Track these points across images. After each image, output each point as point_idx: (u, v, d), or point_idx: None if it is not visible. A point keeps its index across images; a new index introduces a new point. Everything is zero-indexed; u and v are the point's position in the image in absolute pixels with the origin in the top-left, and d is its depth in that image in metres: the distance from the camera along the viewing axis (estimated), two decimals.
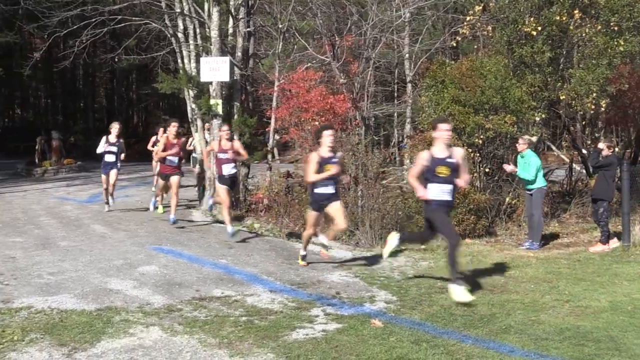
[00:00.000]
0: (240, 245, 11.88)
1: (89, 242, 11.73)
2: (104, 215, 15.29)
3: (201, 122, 17.20)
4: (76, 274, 9.19)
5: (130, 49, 23.11)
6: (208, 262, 10.25)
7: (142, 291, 8.34)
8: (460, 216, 13.44)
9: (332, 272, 9.98)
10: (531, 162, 12.59)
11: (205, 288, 8.61)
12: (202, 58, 16.17)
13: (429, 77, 16.12)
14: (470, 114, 14.41)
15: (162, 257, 10.44)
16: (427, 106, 15.85)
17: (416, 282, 9.55)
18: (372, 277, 9.78)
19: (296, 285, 9.02)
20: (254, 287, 8.80)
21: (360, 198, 13.68)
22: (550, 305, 8.28)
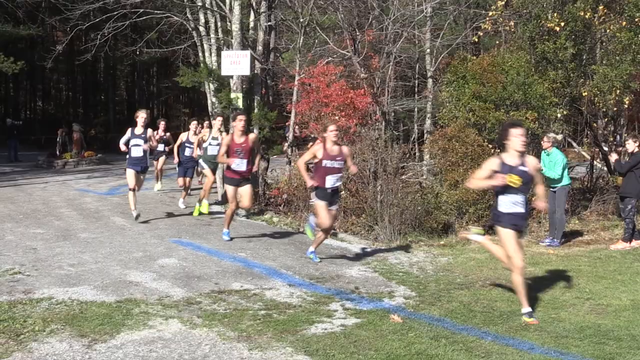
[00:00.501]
0: (259, 239, 11.90)
1: (109, 234, 11.80)
2: (123, 207, 15.34)
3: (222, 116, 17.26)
4: (96, 265, 9.24)
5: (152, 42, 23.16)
6: (227, 255, 10.27)
7: (161, 284, 8.38)
8: (479, 212, 13.37)
9: (351, 267, 9.97)
10: (557, 160, 12.49)
11: (224, 281, 8.64)
12: (223, 52, 16.20)
13: (450, 73, 16.05)
14: (491, 110, 14.34)
15: (181, 250, 10.48)
16: (447, 101, 15.78)
17: (435, 278, 9.53)
18: (391, 272, 9.77)
19: (315, 280, 9.02)
20: (272, 281, 8.81)
21: (379, 193, 13.65)
22: (571, 303, 8.22)
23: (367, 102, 16.34)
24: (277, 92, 21.93)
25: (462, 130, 14.24)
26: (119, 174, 24.09)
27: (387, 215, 13.01)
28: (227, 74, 15.98)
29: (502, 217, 7.51)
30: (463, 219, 13.57)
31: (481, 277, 9.60)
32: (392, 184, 13.68)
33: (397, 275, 9.54)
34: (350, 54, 18.17)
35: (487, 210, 13.45)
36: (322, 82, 16.45)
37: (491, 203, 13.44)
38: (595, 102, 15.03)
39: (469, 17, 25.95)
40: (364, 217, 13.67)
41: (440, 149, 14.70)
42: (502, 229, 7.51)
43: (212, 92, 17.30)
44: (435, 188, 14.42)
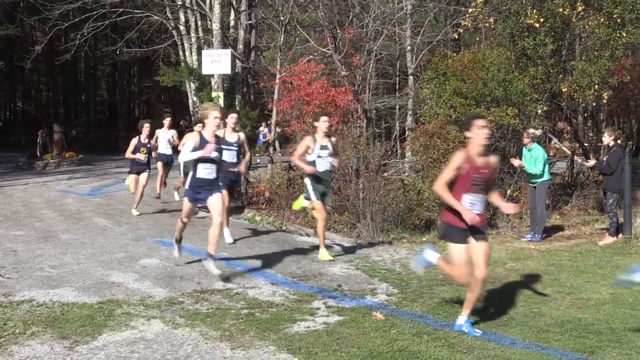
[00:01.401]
0: (242, 238, 11.88)
1: (91, 235, 11.74)
2: (105, 208, 15.30)
3: None
4: (78, 267, 9.19)
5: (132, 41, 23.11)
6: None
7: (143, 284, 8.35)
8: None
9: (334, 265, 9.98)
10: (538, 156, 12.56)
11: (207, 281, 8.62)
12: (204, 50, 16.18)
13: (431, 70, 16.10)
14: (472, 106, 14.41)
15: (163, 250, 10.45)
16: (429, 98, 15.84)
17: (417, 275, 9.55)
18: (374, 269, 9.79)
19: (297, 278, 9.03)
20: (255, 280, 8.80)
21: (361, 190, 13.67)
22: (552, 297, 8.29)
23: (348, 100, 16.34)
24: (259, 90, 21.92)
25: (444, 127, 14.29)
26: (100, 174, 24.02)
27: (370, 212, 13.03)
28: (208, 72, 15.96)
29: None
30: None
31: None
32: (374, 181, 13.70)
33: (380, 273, 9.57)
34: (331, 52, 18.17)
35: None
36: (304, 80, 16.44)
37: None
38: (575, 97, 15.15)
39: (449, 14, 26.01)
40: (347, 215, 13.68)
41: (421, 146, 14.74)
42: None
43: (193, 91, 17.31)
44: (417, 185, 14.47)
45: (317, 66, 17.51)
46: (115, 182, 21.28)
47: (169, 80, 17.17)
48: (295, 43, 20.41)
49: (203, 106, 9.18)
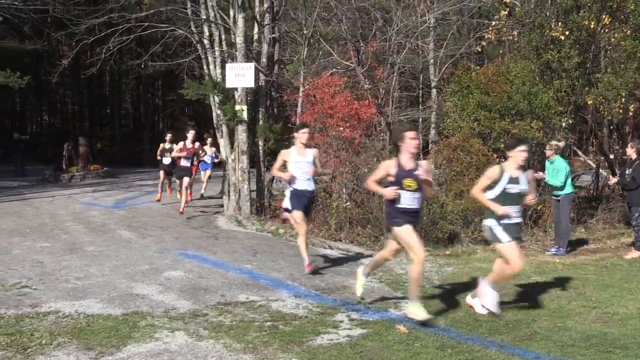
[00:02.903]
0: (265, 251, 11.92)
1: (115, 247, 11.83)
2: (129, 220, 15.40)
3: (226, 128, 17.30)
4: (102, 278, 9.27)
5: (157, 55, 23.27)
6: (233, 267, 10.29)
7: (167, 296, 8.40)
8: None
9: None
10: (560, 168, 12.45)
11: (230, 293, 8.65)
12: (228, 64, 16.27)
13: (454, 83, 16.10)
14: (496, 120, 14.37)
15: (187, 262, 10.50)
16: (452, 111, 15.82)
17: (442, 287, 9.53)
18: (397, 282, 9.76)
19: (321, 291, 9.03)
20: (278, 293, 8.82)
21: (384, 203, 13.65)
22: (577, 311, 8.21)
23: (371, 112, 16.39)
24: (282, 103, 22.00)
25: (467, 139, 14.26)
26: (124, 187, 24.20)
27: None
28: (232, 86, 16.05)
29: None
30: (469, 228, 13.58)
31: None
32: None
33: (403, 286, 9.53)
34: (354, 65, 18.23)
35: None
36: (327, 93, 16.51)
37: None
38: (600, 110, 15.04)
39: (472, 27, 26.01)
40: (370, 228, 13.68)
41: (445, 159, 14.72)
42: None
43: (217, 104, 17.36)
44: (441, 198, 14.43)
45: (340, 79, 17.58)
46: (140, 195, 21.45)
47: (193, 94, 17.20)
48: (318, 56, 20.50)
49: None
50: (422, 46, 23.00)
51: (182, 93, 18.31)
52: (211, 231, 14.14)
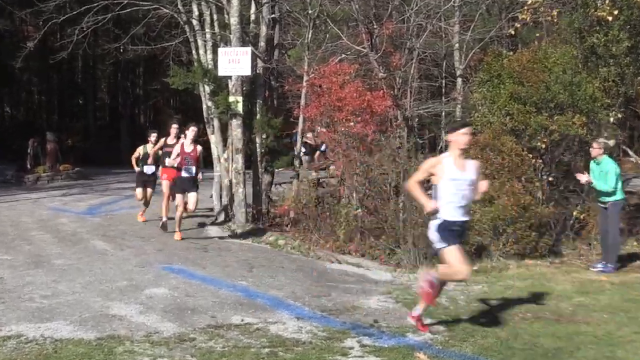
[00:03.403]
0: (263, 265, 11.91)
1: (88, 260, 11.82)
2: (105, 229, 15.41)
3: (218, 122, 17.30)
4: (73, 297, 9.25)
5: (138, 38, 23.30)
6: (225, 283, 10.28)
7: (149, 317, 8.38)
8: (519, 232, 13.33)
9: (369, 297, 9.95)
10: (609, 170, 12.31)
11: (222, 314, 8.63)
12: (220, 49, 16.26)
13: (483, 71, 16.05)
14: (531, 114, 14.32)
15: (172, 278, 10.49)
16: (480, 104, 15.77)
17: (467, 309, 9.49)
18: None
19: (327, 312, 9.01)
20: (278, 314, 8.80)
21: (402, 211, 13.64)
22: (629, 339, 8.16)
23: (386, 105, 16.33)
24: (283, 94, 21.98)
25: (498, 137, 14.22)
26: (100, 190, 24.20)
27: (411, 236, 12.99)
28: (225, 74, 16.05)
29: None
30: (499, 240, 13.53)
31: (521, 308, 9.55)
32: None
33: None
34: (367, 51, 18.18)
35: (528, 231, 13.41)
36: (335, 82, 16.47)
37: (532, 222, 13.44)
38: None
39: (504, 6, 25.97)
40: (384, 239, 13.65)
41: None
42: None
43: (208, 95, 17.37)
44: None
45: (350, 67, 17.53)
46: (118, 199, 21.47)
47: (179, 83, 17.20)
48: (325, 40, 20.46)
49: None
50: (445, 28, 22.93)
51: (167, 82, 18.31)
52: (200, 242, 14.12)
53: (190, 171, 14.09)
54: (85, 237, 14.27)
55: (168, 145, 15.57)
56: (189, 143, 14.24)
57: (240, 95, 16.12)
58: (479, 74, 16.65)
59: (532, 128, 14.22)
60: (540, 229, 13.78)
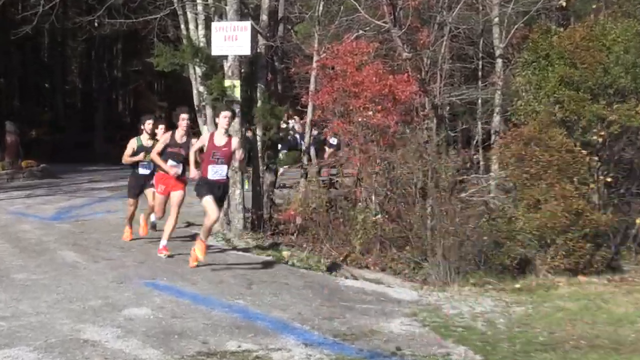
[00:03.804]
0: (264, 281, 11.90)
1: (56, 274, 11.81)
2: (76, 237, 15.40)
3: (212, 111, 17.32)
4: (37, 318, 9.25)
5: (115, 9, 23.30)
6: (219, 303, 10.28)
7: (128, 343, 8.38)
8: (570, 244, 13.32)
9: (391, 319, 9.95)
10: None
11: (216, 339, 8.63)
12: (214, 23, 16.29)
13: (528, 50, 16.07)
14: (586, 102, 14.32)
15: (156, 296, 10.49)
16: (524, 90, 15.77)
17: (508, 335, 9.48)
18: (447, 326, 9.74)
19: (341, 337, 9.00)
20: (282, 339, 8.80)
21: (429, 217, 13.64)
22: None
23: (412, 91, 16.35)
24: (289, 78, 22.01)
25: (545, 130, 14.22)
26: (69, 191, 24.23)
27: (441, 247, 13.00)
28: (220, 53, 16.06)
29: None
30: (547, 253, 13.54)
31: (573, 334, 9.54)
32: (448, 204, 13.67)
33: (455, 331, 9.52)
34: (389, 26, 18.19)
35: (582, 242, 13.39)
36: (350, 64, 16.49)
37: (586, 231, 13.42)
38: None
39: None
40: (409, 251, 13.67)
41: (513, 156, 14.69)
42: None
43: (199, 78, 17.38)
44: (508, 210, 14.40)
45: (369, 45, 17.55)
46: (91, 202, 21.50)
47: (165, 64, 17.20)
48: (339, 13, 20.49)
49: None
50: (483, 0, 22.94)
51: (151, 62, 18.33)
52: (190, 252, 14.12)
53: (222, 172, 12.41)
54: (52, 247, 14.27)
55: (176, 144, 13.62)
56: (223, 134, 12.31)
57: (237, 78, 16.13)
58: (522, 54, 16.65)
59: (586, 119, 14.22)
60: (596, 239, 13.78)
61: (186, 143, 13.35)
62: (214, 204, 12.07)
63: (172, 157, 13.49)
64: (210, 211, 12.02)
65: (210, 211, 12.02)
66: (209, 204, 12.04)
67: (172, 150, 13.49)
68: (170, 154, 13.50)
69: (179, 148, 13.44)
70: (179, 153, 13.42)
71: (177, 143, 13.47)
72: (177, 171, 13.39)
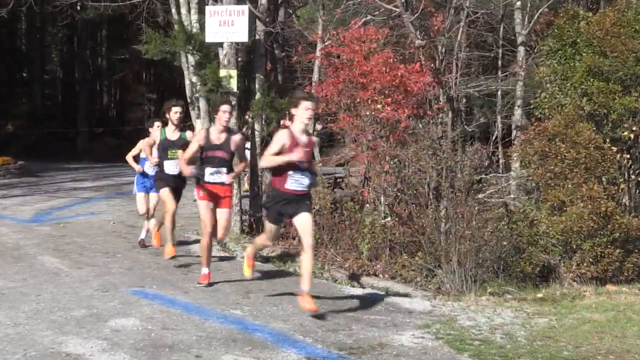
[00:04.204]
0: (263, 289, 11.93)
1: (35, 282, 11.85)
2: (57, 241, 15.44)
3: (206, 103, 17.34)
4: (15, 329, 9.29)
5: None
6: (214, 313, 10.32)
7: (115, 357, 8.42)
8: (598, 249, 13.34)
9: (402, 332, 9.97)
10: None
11: (210, 352, 8.67)
12: (208, 7, 16.32)
13: (553, 37, 16.07)
14: (616, 94, 14.33)
15: (145, 306, 10.53)
16: (548, 81, 15.78)
17: (530, 349, 9.51)
18: (462, 339, 9.76)
19: (347, 351, 9.03)
20: (282, 352, 8.83)
21: (444, 220, 13.68)
22: None
23: (425, 82, 16.39)
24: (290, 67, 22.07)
25: (571, 124, 14.25)
26: (49, 191, 24.26)
27: (456, 253, 13.03)
28: (215, 40, 16.10)
29: None
30: (572, 259, 13.56)
31: (601, 348, 9.56)
32: (464, 206, 13.70)
33: (472, 345, 9.54)
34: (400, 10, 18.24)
35: (610, 247, 13.42)
36: (358, 52, 16.53)
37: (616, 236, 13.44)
38: None
39: None
40: (421, 257, 13.70)
41: (536, 154, 14.71)
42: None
43: (192, 67, 17.42)
44: (530, 213, 14.42)
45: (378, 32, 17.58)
46: (73, 203, 21.53)
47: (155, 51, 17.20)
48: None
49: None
50: None
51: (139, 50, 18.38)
52: (181, 258, 14.14)
53: (305, 181, 10.42)
54: (31, 252, 14.32)
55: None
56: (302, 134, 10.30)
57: (234, 68, 16.17)
58: (547, 42, 16.66)
59: (616, 112, 14.24)
60: (627, 245, 13.79)
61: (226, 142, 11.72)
62: (276, 230, 10.98)
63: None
64: (270, 237, 10.97)
65: (270, 237, 10.97)
66: (271, 229, 10.81)
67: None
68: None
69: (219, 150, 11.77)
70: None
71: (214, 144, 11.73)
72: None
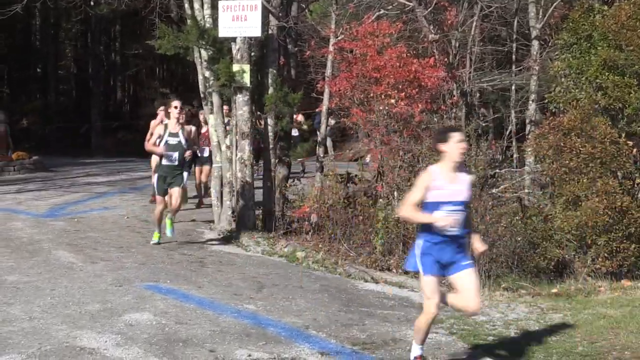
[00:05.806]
0: (276, 284, 11.92)
1: (50, 276, 11.87)
2: (71, 236, 15.45)
3: (219, 98, 17.33)
4: (30, 323, 9.31)
5: None
6: (228, 308, 10.31)
7: (129, 351, 8.42)
8: (614, 244, 13.29)
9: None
10: None
11: (224, 347, 8.67)
12: (221, 2, 16.31)
13: (568, 31, 16.01)
14: (632, 88, 14.27)
15: (159, 300, 10.53)
16: (563, 75, 15.73)
17: (544, 344, 9.48)
18: (476, 334, 9.74)
19: (360, 346, 9.02)
20: (296, 347, 8.83)
21: None
22: None
23: (438, 77, 16.35)
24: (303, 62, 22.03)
25: (587, 119, 14.20)
26: (64, 186, 24.27)
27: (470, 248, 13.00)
28: (228, 35, 16.09)
29: None
30: (587, 254, 13.51)
31: (616, 344, 9.52)
32: (478, 200, 13.66)
33: (486, 340, 9.53)
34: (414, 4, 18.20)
35: (626, 242, 13.37)
36: (371, 47, 16.49)
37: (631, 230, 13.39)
38: None
39: None
40: None
41: (551, 148, 14.66)
42: None
43: (205, 62, 17.41)
44: (544, 208, 14.38)
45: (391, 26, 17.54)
46: (88, 197, 21.53)
47: (168, 47, 17.21)
48: None
49: None
50: None
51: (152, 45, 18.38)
52: (195, 253, 14.15)
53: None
54: (45, 247, 14.33)
55: None
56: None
57: (247, 62, 16.16)
58: (561, 35, 16.60)
59: (632, 107, 14.18)
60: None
61: None
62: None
63: None
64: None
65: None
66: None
67: None
68: None
69: None
70: None
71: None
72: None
